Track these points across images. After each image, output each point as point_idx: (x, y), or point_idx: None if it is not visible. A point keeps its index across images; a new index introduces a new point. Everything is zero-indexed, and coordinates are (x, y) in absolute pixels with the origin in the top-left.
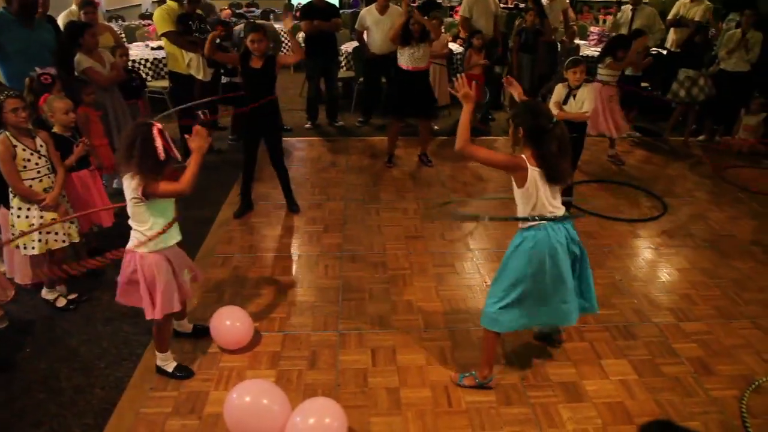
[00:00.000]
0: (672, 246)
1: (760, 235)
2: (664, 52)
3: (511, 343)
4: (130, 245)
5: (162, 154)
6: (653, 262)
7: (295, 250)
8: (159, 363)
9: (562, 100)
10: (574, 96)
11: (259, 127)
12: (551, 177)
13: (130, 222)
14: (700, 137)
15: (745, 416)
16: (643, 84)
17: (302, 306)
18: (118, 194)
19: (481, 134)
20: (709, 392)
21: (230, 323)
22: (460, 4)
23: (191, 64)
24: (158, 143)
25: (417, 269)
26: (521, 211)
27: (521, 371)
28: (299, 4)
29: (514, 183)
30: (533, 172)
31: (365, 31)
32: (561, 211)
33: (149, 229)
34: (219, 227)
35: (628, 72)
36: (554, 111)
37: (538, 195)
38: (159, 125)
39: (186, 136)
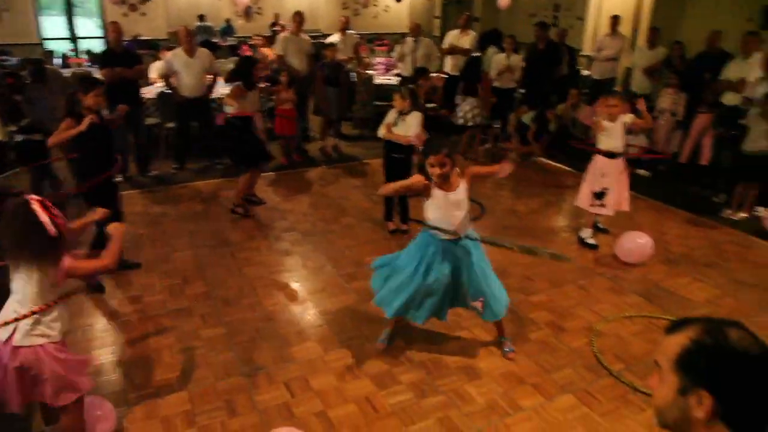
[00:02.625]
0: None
1: (558, 218)
2: (445, 76)
3: (407, 342)
4: (35, 341)
5: (52, 229)
6: (490, 253)
7: (163, 307)
8: None
9: (392, 122)
10: (404, 120)
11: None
12: None
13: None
14: (487, 145)
15: (597, 355)
16: (430, 105)
17: (195, 359)
18: None
19: (297, 166)
20: (568, 345)
21: None
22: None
23: None
24: (44, 218)
25: (293, 300)
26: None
27: (424, 366)
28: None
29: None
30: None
31: (173, 75)
32: None
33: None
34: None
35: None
36: (383, 131)
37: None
38: (35, 197)
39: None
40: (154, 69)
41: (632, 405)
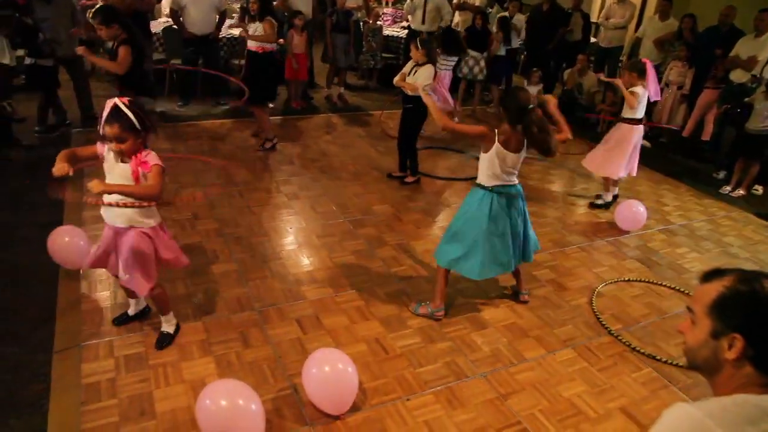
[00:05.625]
0: None
1: (561, 182)
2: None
3: (415, 292)
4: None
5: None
6: None
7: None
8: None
9: (408, 71)
10: (416, 72)
11: None
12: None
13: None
14: (491, 106)
15: (597, 314)
16: None
17: (209, 293)
18: None
19: (300, 112)
20: (569, 303)
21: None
22: None
23: None
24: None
25: (304, 242)
26: (482, 171)
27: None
28: None
29: (481, 147)
30: (498, 146)
31: (181, 11)
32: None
33: None
34: None
35: None
36: (397, 79)
37: (497, 164)
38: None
39: None
40: (167, 3)
41: (629, 363)
